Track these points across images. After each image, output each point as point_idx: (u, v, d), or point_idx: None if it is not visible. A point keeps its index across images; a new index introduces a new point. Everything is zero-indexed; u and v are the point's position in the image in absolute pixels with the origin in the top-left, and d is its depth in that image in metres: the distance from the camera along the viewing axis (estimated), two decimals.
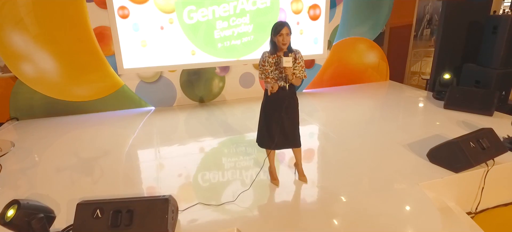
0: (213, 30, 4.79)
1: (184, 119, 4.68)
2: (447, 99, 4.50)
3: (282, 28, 2.37)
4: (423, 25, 19.21)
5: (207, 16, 4.70)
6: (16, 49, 4.18)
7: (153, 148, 3.70)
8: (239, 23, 4.87)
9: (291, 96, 2.56)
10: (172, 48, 4.71)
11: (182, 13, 4.58)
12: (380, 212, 2.42)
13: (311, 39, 5.35)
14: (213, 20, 4.74)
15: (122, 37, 4.47)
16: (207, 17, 4.70)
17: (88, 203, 1.96)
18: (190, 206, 2.43)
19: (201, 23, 4.71)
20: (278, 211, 2.46)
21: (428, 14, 23.88)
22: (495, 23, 4.65)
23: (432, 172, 2.87)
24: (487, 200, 2.94)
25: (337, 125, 4.22)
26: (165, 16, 4.54)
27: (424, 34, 18.45)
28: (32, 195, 2.66)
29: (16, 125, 4.46)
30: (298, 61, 2.50)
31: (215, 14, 4.72)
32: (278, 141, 2.58)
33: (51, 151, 3.64)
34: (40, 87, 4.45)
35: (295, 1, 5.06)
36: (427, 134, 3.70)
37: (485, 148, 2.82)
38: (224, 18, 4.78)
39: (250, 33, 4.98)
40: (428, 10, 24.16)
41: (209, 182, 2.88)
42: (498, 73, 4.63)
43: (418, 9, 7.44)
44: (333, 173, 3.01)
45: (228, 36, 4.89)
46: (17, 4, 4.04)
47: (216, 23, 4.77)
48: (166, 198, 2.01)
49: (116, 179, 2.99)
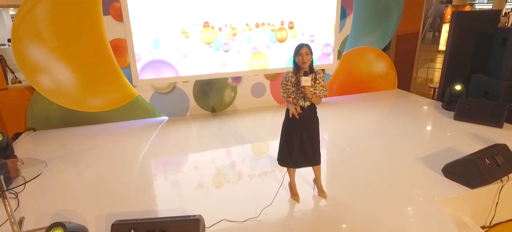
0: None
1: (197, 128, 4.75)
2: (457, 110, 4.57)
3: (301, 48, 2.47)
4: (426, 28, 19.22)
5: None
6: (34, 61, 4.26)
7: (170, 158, 3.78)
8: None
9: (311, 116, 2.63)
10: (187, 60, 4.79)
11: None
12: (398, 228, 2.48)
13: (320, 48, 5.43)
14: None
15: (139, 50, 4.56)
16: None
17: (122, 224, 2.03)
18: (215, 223, 2.50)
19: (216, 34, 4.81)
20: (299, 227, 2.53)
21: (431, 17, 23.90)
22: (505, 35, 4.72)
23: (446, 187, 2.94)
24: (501, 214, 3.01)
25: (348, 136, 4.28)
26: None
27: (426, 37, 18.41)
28: (60, 211, 2.73)
29: (33, 135, 4.54)
30: (318, 81, 2.57)
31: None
32: (298, 159, 2.65)
33: (68, 163, 3.71)
34: (56, 99, 4.52)
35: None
36: (439, 147, 3.77)
37: (500, 164, 2.89)
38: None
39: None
40: (431, 13, 24.19)
41: (229, 196, 2.96)
42: (507, 85, 4.69)
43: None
44: (350, 187, 3.07)
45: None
46: (36, 18, 4.12)
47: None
48: (197, 218, 2.09)
49: (137, 193, 3.05)
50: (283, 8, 4.99)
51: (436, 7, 21.27)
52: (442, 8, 19.37)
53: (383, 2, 5.71)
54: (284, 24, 5.08)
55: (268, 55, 5.15)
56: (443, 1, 19.92)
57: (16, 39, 4.11)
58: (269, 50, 5.12)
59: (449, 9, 16.53)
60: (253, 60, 5.10)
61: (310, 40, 5.27)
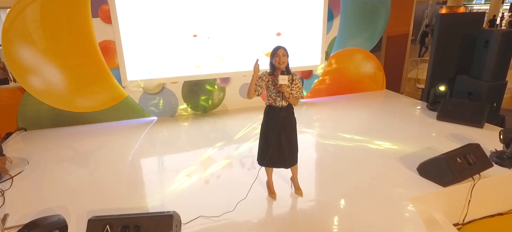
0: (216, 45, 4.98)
1: (185, 128, 4.85)
2: (440, 111, 4.66)
3: (278, 50, 2.57)
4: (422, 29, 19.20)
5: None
6: (25, 62, 4.36)
7: (156, 158, 3.88)
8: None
9: (288, 116, 2.72)
10: (176, 60, 4.88)
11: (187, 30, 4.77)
12: (371, 225, 2.58)
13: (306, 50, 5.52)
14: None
15: (127, 50, 4.65)
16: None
17: (98, 220, 2.12)
18: (192, 220, 2.59)
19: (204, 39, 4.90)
20: (274, 223, 2.63)
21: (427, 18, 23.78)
22: (487, 37, 4.81)
23: (421, 186, 3.03)
24: (474, 212, 3.10)
25: (333, 136, 4.37)
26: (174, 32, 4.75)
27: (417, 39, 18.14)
28: (44, 208, 2.82)
29: (24, 135, 4.64)
30: (295, 82, 2.66)
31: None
32: (274, 158, 2.75)
33: (57, 162, 3.80)
34: (47, 99, 4.62)
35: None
36: (419, 146, 3.86)
37: (471, 163, 2.98)
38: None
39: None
40: (427, 14, 24.08)
41: (209, 192, 3.06)
42: (489, 86, 4.78)
43: (416, 12, 7.57)
44: (328, 186, 3.17)
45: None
46: (26, 20, 4.21)
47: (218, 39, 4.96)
48: (170, 214, 2.17)
49: (120, 191, 3.14)
50: (271, 17, 5.11)
51: (433, 8, 21.38)
52: (439, 9, 19.48)
53: (370, 4, 5.80)
54: (272, 35, 5.19)
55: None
56: (440, 2, 20.01)
57: (6, 41, 4.21)
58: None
59: (444, 11, 16.65)
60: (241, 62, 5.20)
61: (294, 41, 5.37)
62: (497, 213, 3.24)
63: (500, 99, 4.97)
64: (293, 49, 5.28)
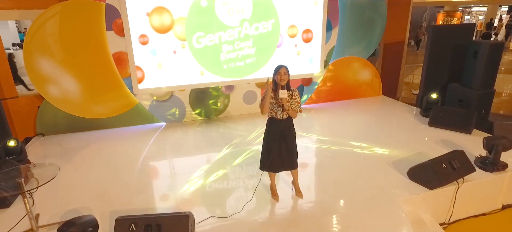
0: (220, 53, 5.28)
1: (192, 133, 5.17)
2: (431, 117, 4.97)
3: (280, 69, 2.89)
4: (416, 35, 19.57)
5: (214, 41, 5.19)
6: (44, 72, 4.68)
7: (167, 162, 4.21)
8: (243, 46, 5.36)
9: (288, 127, 3.04)
10: (183, 70, 5.19)
11: (191, 39, 5.07)
12: (364, 224, 2.89)
13: (307, 59, 5.83)
14: (220, 44, 5.23)
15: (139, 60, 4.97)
16: (214, 42, 5.19)
17: (125, 219, 2.43)
18: (204, 219, 2.90)
19: (208, 47, 5.20)
20: (277, 222, 2.95)
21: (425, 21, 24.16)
22: (476, 48, 5.12)
23: (410, 189, 3.34)
24: (459, 213, 3.42)
25: (331, 141, 4.68)
26: (178, 42, 5.05)
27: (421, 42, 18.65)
28: (69, 209, 3.13)
29: (42, 140, 4.96)
30: (294, 97, 2.98)
31: (221, 39, 5.21)
32: (276, 164, 3.07)
33: (76, 166, 4.12)
34: (64, 106, 4.94)
35: (291, 27, 5.55)
36: (411, 151, 4.16)
37: (456, 168, 3.29)
38: (229, 42, 5.27)
39: (253, 55, 5.46)
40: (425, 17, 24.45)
41: (218, 194, 3.38)
42: (478, 94, 5.09)
43: (413, 16, 7.83)
44: (326, 188, 3.48)
45: (232, 58, 5.38)
46: (46, 33, 4.53)
47: (222, 47, 5.26)
48: (187, 214, 2.49)
49: (136, 192, 3.46)
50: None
51: (431, 11, 21.71)
52: (436, 12, 19.81)
53: (367, 15, 6.11)
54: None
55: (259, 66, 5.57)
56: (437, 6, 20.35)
57: (27, 53, 4.53)
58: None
59: (441, 15, 16.98)
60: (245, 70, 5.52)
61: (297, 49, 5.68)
62: (481, 213, 3.55)
63: (489, 106, 5.27)
64: (293, 58, 5.67)
